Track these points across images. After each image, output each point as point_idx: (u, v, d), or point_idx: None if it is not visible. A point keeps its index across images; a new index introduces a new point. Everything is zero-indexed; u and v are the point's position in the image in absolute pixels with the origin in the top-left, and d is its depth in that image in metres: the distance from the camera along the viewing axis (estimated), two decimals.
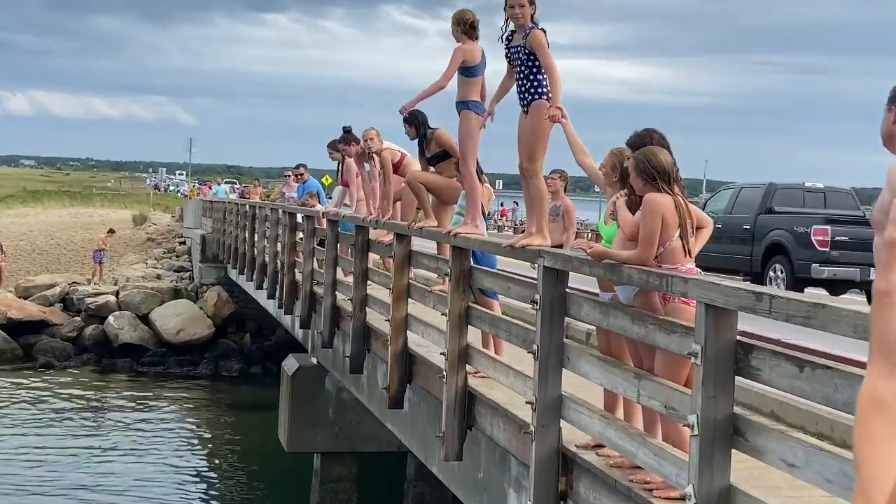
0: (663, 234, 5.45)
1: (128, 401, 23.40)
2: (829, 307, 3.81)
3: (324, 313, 13.15)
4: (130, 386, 24.99)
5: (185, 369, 26.31)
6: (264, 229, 19.64)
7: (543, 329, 6.27)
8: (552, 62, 6.86)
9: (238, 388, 25.17)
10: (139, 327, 27.17)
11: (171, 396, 24.17)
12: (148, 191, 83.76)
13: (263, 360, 26.35)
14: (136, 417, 21.97)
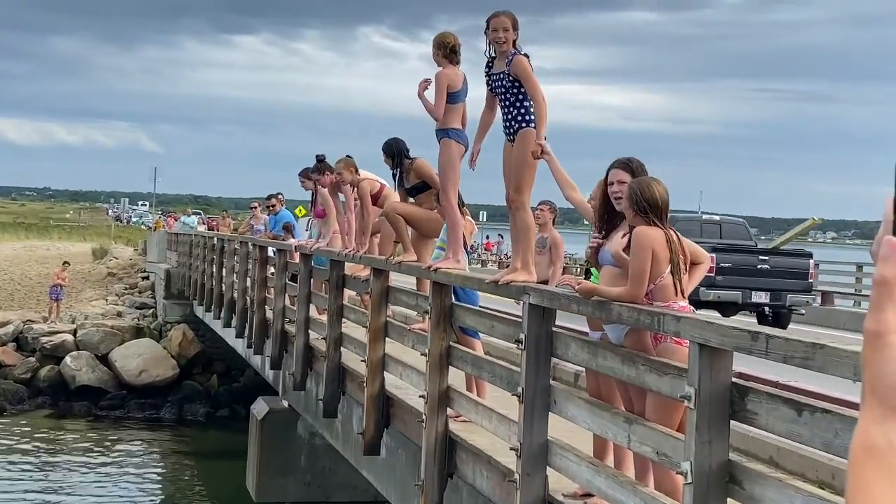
0: (654, 270, 5.47)
1: (85, 447, 23.18)
2: (828, 348, 3.83)
3: (296, 353, 13.10)
4: (88, 431, 24.77)
5: (147, 413, 26.11)
6: (233, 264, 19.60)
7: (529, 370, 6.27)
8: (539, 90, 6.90)
9: (204, 434, 24.98)
10: (98, 368, 26.97)
11: (132, 442, 23.96)
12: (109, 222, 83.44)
13: (231, 403, 26.19)
14: (94, 465, 21.76)
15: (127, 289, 35.94)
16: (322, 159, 12.63)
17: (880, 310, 0.85)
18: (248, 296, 17.58)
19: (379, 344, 9.64)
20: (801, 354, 3.98)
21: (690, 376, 4.66)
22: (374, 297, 9.72)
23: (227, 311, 19.89)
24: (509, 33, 6.96)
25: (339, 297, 11.59)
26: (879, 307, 0.85)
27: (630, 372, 5.37)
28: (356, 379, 10.54)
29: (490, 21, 7.03)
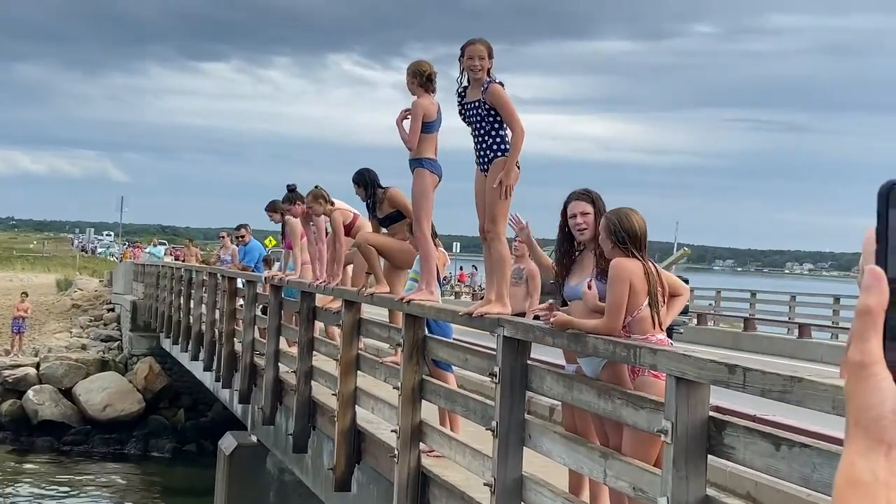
0: (631, 302, 5.48)
1: (48, 484, 22.90)
2: (806, 381, 3.85)
3: (265, 387, 13.02)
4: (51, 467, 24.48)
5: (111, 448, 25.86)
6: (201, 295, 19.50)
7: (503, 404, 6.25)
8: (517, 118, 6.90)
9: (170, 469, 24.75)
10: (61, 403, 26.71)
11: (96, 479, 23.70)
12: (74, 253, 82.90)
13: (198, 438, 25.98)
14: (57, 502, 21.49)
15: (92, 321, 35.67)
16: (293, 189, 12.61)
17: (864, 340, 0.85)
18: (216, 328, 17.49)
19: (350, 377, 9.60)
20: (778, 388, 3.99)
21: (667, 410, 4.66)
22: (345, 330, 9.68)
23: (195, 343, 19.77)
24: (485, 61, 6.98)
25: (310, 329, 11.54)
26: (863, 337, 0.85)
27: (606, 406, 5.36)
28: (327, 413, 10.48)
29: (465, 49, 7.04)
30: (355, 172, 9.88)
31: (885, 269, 0.85)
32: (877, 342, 0.84)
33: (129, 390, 26.99)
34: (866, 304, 0.85)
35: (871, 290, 0.85)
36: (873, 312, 0.84)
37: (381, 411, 8.96)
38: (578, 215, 6.04)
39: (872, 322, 0.84)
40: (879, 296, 0.84)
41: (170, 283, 24.21)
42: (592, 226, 6.00)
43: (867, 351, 0.85)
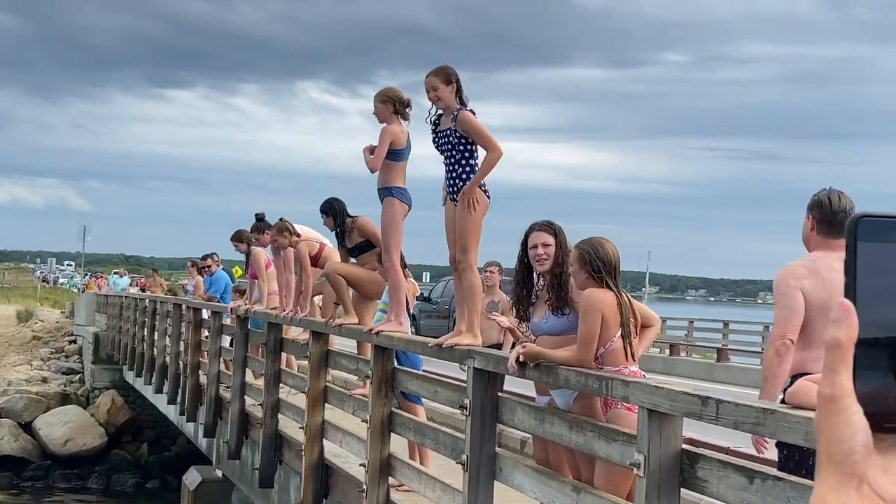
0: (604, 333, 5.49)
1: None
2: (779, 413, 3.86)
3: (231, 420, 12.94)
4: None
5: (73, 484, 25.56)
6: (166, 326, 19.38)
7: (474, 437, 6.24)
8: (492, 139, 6.89)
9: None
10: (21, 437, 26.39)
11: None
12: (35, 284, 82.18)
13: (162, 473, 25.73)
14: None
15: (53, 353, 35.32)
16: (261, 218, 12.57)
17: (834, 373, 0.85)
18: (181, 360, 17.38)
19: (318, 410, 9.55)
20: (752, 420, 4.01)
21: (640, 443, 4.67)
22: (313, 361, 9.64)
23: (159, 376, 19.63)
24: (440, 91, 6.97)
25: (277, 361, 11.49)
26: (833, 371, 0.85)
27: (578, 439, 5.36)
28: (294, 447, 10.42)
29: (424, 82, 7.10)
30: (323, 202, 9.87)
31: (854, 303, 0.86)
32: (847, 376, 0.85)
33: (91, 424, 26.72)
34: (836, 337, 0.85)
35: (841, 323, 0.85)
36: (843, 346, 0.85)
37: (350, 445, 8.92)
38: (540, 246, 6.04)
39: (842, 355, 0.85)
40: (849, 329, 0.85)
41: (133, 315, 24.04)
42: (553, 258, 6.01)
43: (838, 384, 0.85)
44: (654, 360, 25.75)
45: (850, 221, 0.87)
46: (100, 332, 29.86)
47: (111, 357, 28.05)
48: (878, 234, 0.87)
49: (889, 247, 0.87)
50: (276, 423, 11.22)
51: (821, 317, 5.46)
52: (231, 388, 13.09)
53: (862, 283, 0.87)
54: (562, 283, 5.92)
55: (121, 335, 26.39)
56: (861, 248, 0.87)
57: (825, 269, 5.49)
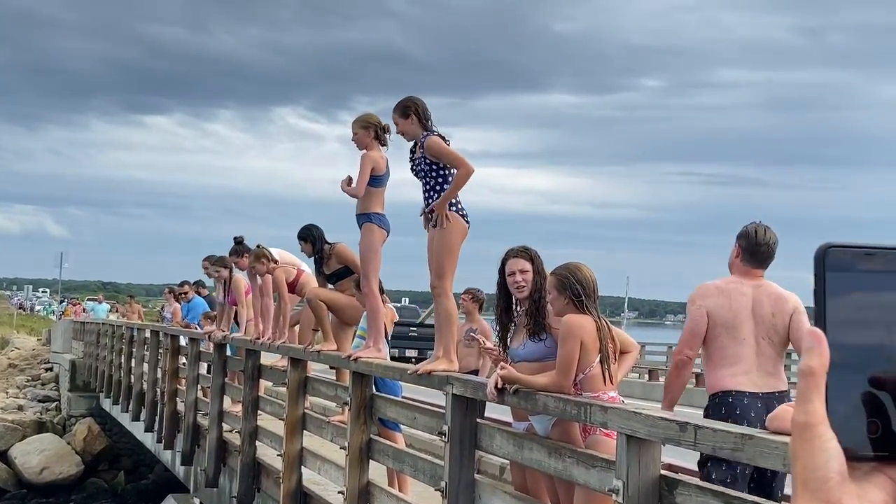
0: (583, 359, 5.49)
1: None
2: (757, 438, 3.87)
3: (208, 448, 12.86)
4: None
5: None
6: (143, 353, 19.28)
7: (452, 463, 6.22)
8: (461, 158, 6.87)
9: None
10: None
11: None
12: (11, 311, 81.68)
13: (139, 501, 25.52)
14: None
15: (29, 381, 35.06)
16: (240, 241, 12.50)
17: (807, 401, 0.86)
18: (158, 387, 17.28)
19: (296, 437, 9.51)
20: (730, 445, 4.01)
21: (618, 468, 4.66)
22: (291, 388, 9.61)
23: (136, 403, 19.52)
24: (401, 125, 7.08)
25: (255, 388, 11.44)
26: (806, 398, 0.86)
27: (557, 465, 5.35)
28: (272, 475, 10.37)
29: None
30: (301, 228, 9.86)
31: (825, 331, 0.86)
32: (820, 403, 0.85)
33: (68, 452, 26.51)
34: (808, 365, 0.86)
35: (813, 351, 0.86)
36: (816, 373, 0.85)
37: (328, 472, 8.87)
38: (517, 273, 6.04)
39: (815, 383, 0.85)
40: (821, 357, 0.85)
41: (110, 342, 23.92)
42: (531, 283, 6.01)
43: (812, 412, 0.86)
44: (633, 385, 25.76)
45: (818, 251, 0.88)
46: (76, 360, 29.67)
47: (88, 384, 27.87)
48: (845, 263, 0.88)
49: (856, 275, 0.88)
50: (254, 450, 11.17)
51: (726, 335, 5.82)
52: (209, 415, 13.02)
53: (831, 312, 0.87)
54: (540, 308, 5.92)
55: (98, 362, 26.25)
56: (830, 277, 0.88)
57: (734, 292, 5.94)
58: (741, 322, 5.90)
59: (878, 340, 0.87)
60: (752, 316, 5.92)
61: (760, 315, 5.92)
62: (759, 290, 6.01)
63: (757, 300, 5.96)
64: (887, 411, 0.86)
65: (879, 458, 0.86)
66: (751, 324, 5.90)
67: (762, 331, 5.90)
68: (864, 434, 0.86)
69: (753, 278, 6.03)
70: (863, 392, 0.87)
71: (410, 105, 7.06)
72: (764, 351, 5.90)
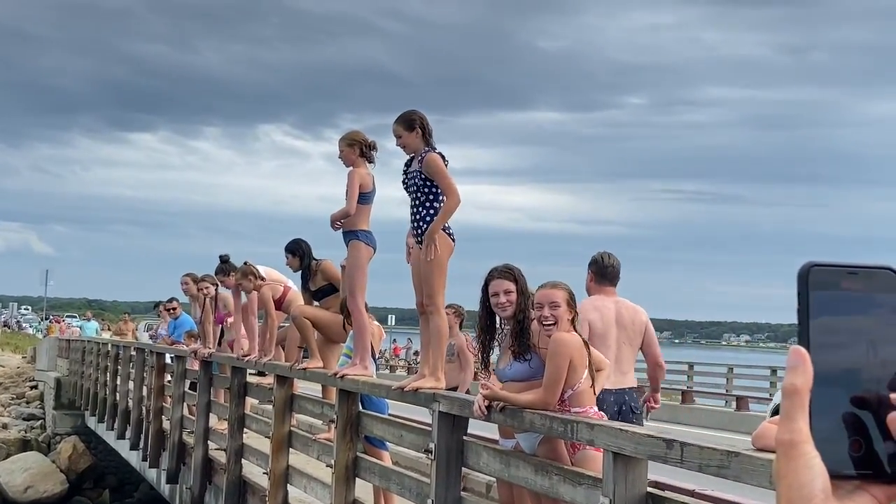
0: (571, 376, 5.50)
1: None
2: (743, 456, 3.87)
3: (194, 466, 12.80)
4: None
5: None
6: (128, 371, 19.20)
7: (439, 481, 6.21)
8: (453, 187, 6.89)
9: None
10: None
11: None
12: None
13: None
14: None
15: (13, 399, 34.85)
16: (226, 259, 12.47)
17: (791, 419, 0.86)
18: (143, 405, 17.21)
19: (282, 455, 9.48)
20: (716, 463, 4.01)
21: (605, 486, 4.66)
22: (277, 406, 9.58)
23: (122, 421, 19.43)
24: (404, 138, 7.00)
25: (241, 405, 11.41)
26: (791, 417, 0.86)
27: (544, 482, 5.35)
28: (258, 493, 10.32)
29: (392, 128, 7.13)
30: (290, 241, 9.86)
31: (808, 350, 0.87)
32: (804, 421, 0.86)
33: (52, 471, 26.35)
34: (793, 383, 0.86)
35: (797, 369, 0.86)
36: (800, 392, 0.86)
37: (315, 490, 8.84)
38: (501, 294, 5.99)
39: (799, 401, 0.86)
40: (804, 375, 0.86)
41: (96, 360, 23.83)
42: (515, 304, 5.98)
43: (796, 430, 0.86)
44: None
45: (801, 270, 0.89)
46: (62, 378, 29.54)
47: (73, 402, 27.74)
48: (828, 282, 0.89)
49: (839, 294, 0.89)
50: (239, 468, 11.12)
51: (598, 342, 6.75)
52: (194, 432, 12.97)
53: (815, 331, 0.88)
54: (524, 328, 5.89)
55: (83, 380, 26.14)
56: (813, 296, 0.88)
57: (602, 308, 7.19)
58: (609, 331, 7.08)
59: (860, 359, 0.88)
60: (617, 325, 7.12)
61: (623, 324, 7.15)
62: (619, 304, 7.29)
63: (619, 312, 7.21)
64: (869, 430, 0.87)
65: (862, 476, 0.86)
66: (615, 332, 7.10)
67: (623, 337, 7.12)
68: (848, 452, 0.86)
69: (610, 294, 7.31)
70: (845, 411, 0.87)
71: (416, 119, 7.04)
72: (622, 355, 7.09)
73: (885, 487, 0.87)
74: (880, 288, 0.89)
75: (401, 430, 7.33)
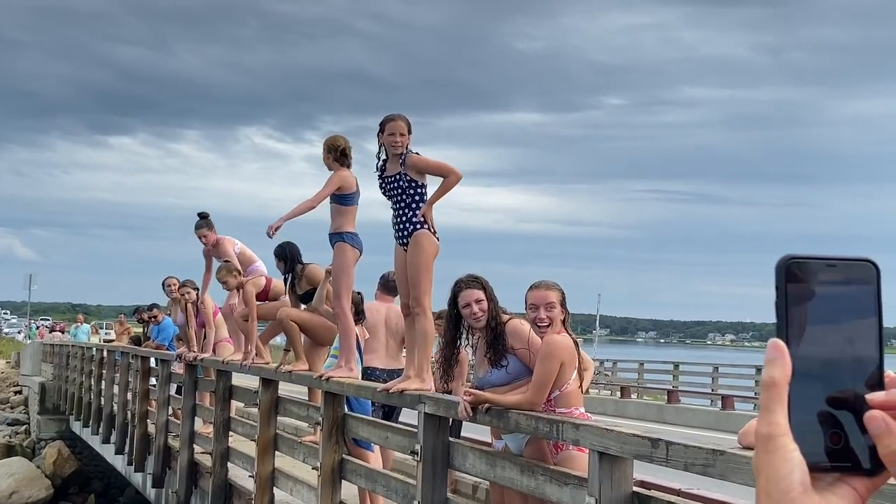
0: (560, 377, 5.50)
1: None
2: (728, 454, 3.89)
3: (179, 470, 12.77)
4: None
5: None
6: (113, 375, 19.14)
7: (425, 483, 6.21)
8: (449, 165, 6.91)
9: None
10: None
11: None
12: None
13: None
14: None
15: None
16: (205, 216, 12.29)
17: (770, 412, 0.86)
18: (128, 409, 17.16)
19: (268, 458, 9.46)
20: (701, 461, 4.03)
21: (591, 486, 4.67)
22: (263, 409, 9.56)
23: (107, 426, 19.36)
24: (405, 138, 6.98)
25: (226, 409, 11.38)
26: (769, 409, 0.87)
27: (530, 483, 5.35)
28: (244, 496, 10.30)
29: (386, 125, 7.02)
30: (277, 246, 9.85)
31: (787, 343, 0.87)
32: (783, 414, 0.86)
33: (37, 476, 26.23)
34: (771, 376, 0.87)
35: (775, 362, 0.87)
36: (778, 385, 0.86)
37: (301, 493, 8.83)
38: (473, 304, 5.97)
39: (778, 394, 0.86)
40: (783, 368, 0.86)
41: (80, 364, 23.73)
42: (487, 312, 5.96)
43: (775, 423, 0.86)
44: (605, 402, 25.80)
45: (779, 263, 0.89)
46: (46, 383, 29.41)
47: (57, 407, 27.62)
48: (805, 275, 0.89)
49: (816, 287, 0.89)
50: (225, 471, 11.09)
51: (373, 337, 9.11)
52: (180, 436, 12.93)
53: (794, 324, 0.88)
54: (497, 335, 5.89)
55: (67, 385, 26.03)
56: (791, 289, 0.89)
57: (376, 312, 9.19)
58: (380, 328, 9.15)
59: (838, 351, 0.88)
60: (385, 324, 9.16)
61: (390, 325, 9.14)
62: (390, 309, 9.15)
63: (388, 315, 9.15)
64: (846, 426, 0.87)
65: (840, 468, 0.87)
66: (384, 329, 9.17)
67: (390, 333, 9.16)
68: (826, 445, 0.87)
69: (387, 301, 9.31)
70: (822, 408, 0.88)
71: (411, 125, 7.07)
72: (389, 347, 9.16)
73: (865, 480, 0.87)
74: (858, 280, 0.89)
75: (386, 432, 7.32)
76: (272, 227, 7.89)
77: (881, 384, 0.88)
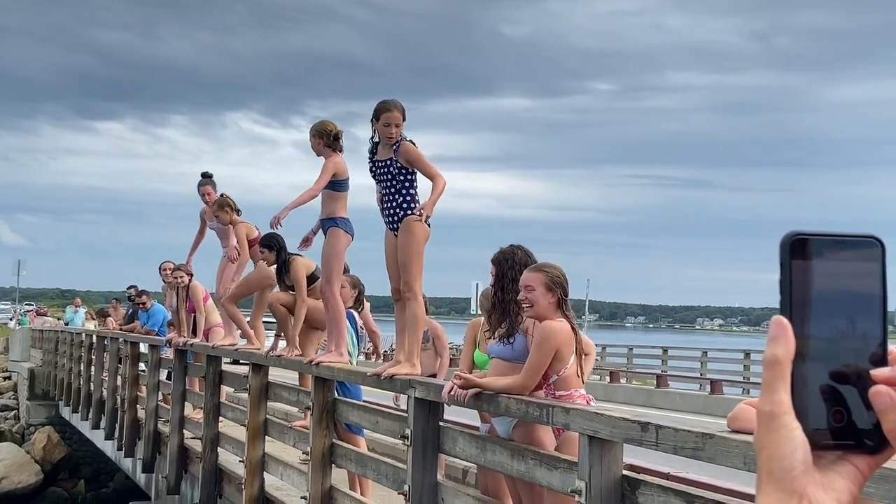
0: (557, 363, 5.48)
1: None
2: (718, 437, 3.89)
3: (170, 455, 12.76)
4: None
5: None
6: (103, 361, 19.11)
7: (415, 467, 6.21)
8: (435, 169, 6.92)
9: None
10: None
11: None
12: None
13: None
14: None
15: None
16: (209, 175, 12.12)
17: (773, 390, 0.85)
18: (118, 395, 17.14)
19: (258, 443, 9.45)
20: (691, 445, 4.03)
21: (580, 469, 4.67)
22: (253, 393, 9.56)
23: (96, 411, 19.34)
24: (400, 128, 6.97)
25: (217, 394, 11.37)
26: (772, 388, 0.86)
27: (520, 466, 5.35)
28: (234, 481, 10.30)
29: (382, 115, 6.97)
30: (264, 236, 9.82)
31: (790, 320, 0.86)
32: (785, 392, 0.85)
33: (27, 462, 26.20)
34: (774, 354, 0.86)
35: (778, 340, 0.86)
36: (781, 363, 0.85)
37: (291, 477, 8.83)
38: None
39: (781, 372, 0.85)
40: (786, 346, 0.85)
41: (69, 350, 23.69)
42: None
43: (777, 401, 0.85)
44: (594, 387, 25.82)
45: (783, 240, 0.88)
46: (35, 368, 29.36)
47: (47, 393, 27.58)
48: (810, 251, 0.88)
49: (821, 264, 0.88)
50: (215, 456, 11.09)
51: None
52: (170, 421, 12.92)
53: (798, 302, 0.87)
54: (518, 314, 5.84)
55: (57, 370, 25.99)
56: (796, 266, 0.88)
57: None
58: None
59: (842, 329, 0.87)
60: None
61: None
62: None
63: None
64: (849, 402, 0.87)
65: (843, 446, 0.86)
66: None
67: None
68: (829, 423, 0.86)
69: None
70: (826, 382, 0.87)
71: (405, 113, 7.04)
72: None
73: (867, 458, 0.87)
74: (863, 257, 0.88)
75: (377, 417, 7.32)
76: (277, 218, 7.85)
77: (885, 361, 0.87)
